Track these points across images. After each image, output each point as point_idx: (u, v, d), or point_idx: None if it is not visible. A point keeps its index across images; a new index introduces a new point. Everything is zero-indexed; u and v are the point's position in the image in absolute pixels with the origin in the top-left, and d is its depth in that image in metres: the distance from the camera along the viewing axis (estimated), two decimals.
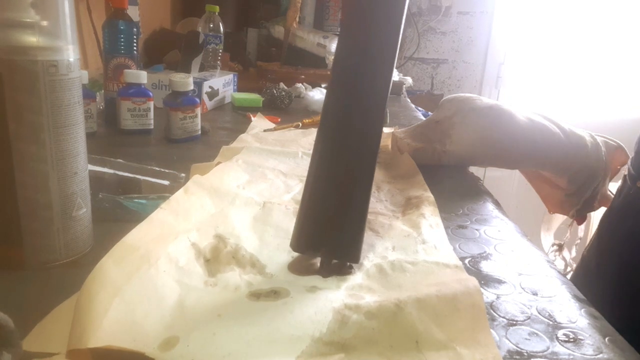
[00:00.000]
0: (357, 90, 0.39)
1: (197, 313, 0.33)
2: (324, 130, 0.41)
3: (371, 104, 0.40)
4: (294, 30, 1.57)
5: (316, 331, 0.32)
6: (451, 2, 2.42)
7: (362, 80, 0.39)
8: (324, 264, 0.41)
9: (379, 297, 0.36)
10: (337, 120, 0.40)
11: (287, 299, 0.36)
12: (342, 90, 0.40)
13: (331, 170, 0.41)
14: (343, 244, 0.41)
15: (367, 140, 0.40)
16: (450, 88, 2.56)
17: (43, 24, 0.36)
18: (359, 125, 0.40)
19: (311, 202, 0.41)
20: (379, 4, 0.38)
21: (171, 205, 0.47)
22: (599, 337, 0.35)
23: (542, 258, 0.47)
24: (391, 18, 0.38)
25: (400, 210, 0.56)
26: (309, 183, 0.41)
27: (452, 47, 2.51)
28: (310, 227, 0.41)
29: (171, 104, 0.80)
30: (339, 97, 0.40)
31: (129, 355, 0.29)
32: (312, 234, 0.41)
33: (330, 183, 0.40)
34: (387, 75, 0.39)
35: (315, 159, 0.41)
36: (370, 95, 0.39)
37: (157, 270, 0.36)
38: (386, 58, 0.39)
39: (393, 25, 0.39)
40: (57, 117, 0.37)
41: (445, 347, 0.31)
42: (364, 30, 0.39)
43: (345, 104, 0.40)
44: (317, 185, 0.41)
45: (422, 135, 0.75)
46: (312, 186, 0.41)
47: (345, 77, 0.40)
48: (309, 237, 0.41)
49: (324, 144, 0.41)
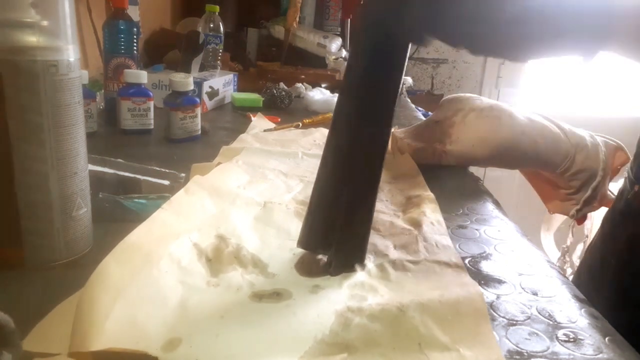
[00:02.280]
0: (367, 96, 0.40)
1: (199, 314, 0.33)
2: (334, 132, 0.41)
3: (380, 110, 0.40)
4: (294, 30, 1.57)
5: (319, 333, 0.32)
6: None
7: (373, 86, 0.39)
8: (331, 262, 0.41)
9: (381, 299, 0.36)
10: (347, 123, 0.41)
11: (289, 301, 0.36)
12: (353, 95, 0.40)
13: (341, 172, 0.41)
14: (350, 244, 0.41)
15: (375, 144, 0.41)
16: (450, 88, 2.56)
17: (43, 24, 0.36)
18: (368, 129, 0.40)
19: (320, 202, 0.42)
20: (391, 8, 0.38)
21: (172, 206, 0.47)
22: (599, 337, 0.35)
23: (542, 258, 0.47)
24: (402, 22, 0.38)
25: (401, 210, 0.56)
26: (319, 183, 0.42)
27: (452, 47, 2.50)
28: (319, 226, 0.42)
29: (171, 104, 0.80)
30: (350, 101, 0.41)
31: (132, 357, 0.29)
32: (321, 233, 0.42)
33: (340, 184, 0.41)
34: (396, 80, 0.40)
35: (326, 159, 0.41)
36: (379, 100, 0.40)
37: (160, 271, 0.36)
38: (396, 63, 0.39)
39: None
40: (57, 117, 0.37)
41: (448, 349, 0.31)
42: (375, 34, 0.39)
43: (355, 109, 0.40)
44: (327, 186, 0.41)
45: (422, 135, 0.75)
46: (322, 186, 0.42)
47: (357, 82, 0.40)
48: (317, 236, 0.42)
49: (334, 146, 0.41)
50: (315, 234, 0.42)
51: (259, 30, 1.70)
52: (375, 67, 0.39)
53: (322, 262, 0.42)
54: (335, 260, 0.41)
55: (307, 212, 0.42)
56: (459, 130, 0.70)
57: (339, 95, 0.42)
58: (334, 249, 0.41)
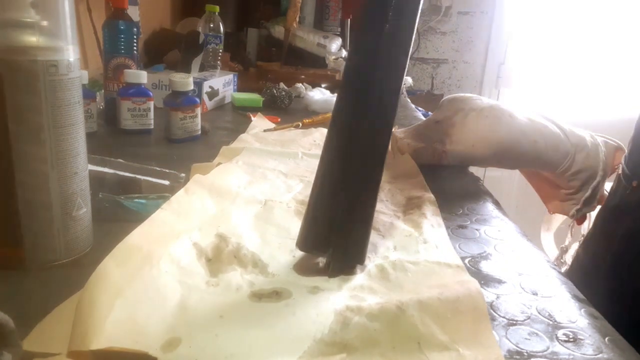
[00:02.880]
0: (367, 95, 0.40)
1: (199, 314, 0.33)
2: (333, 132, 0.41)
3: (380, 109, 0.40)
4: (294, 30, 1.57)
5: (318, 332, 0.32)
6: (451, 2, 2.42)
7: (373, 86, 0.39)
8: (329, 264, 0.41)
9: (380, 299, 0.36)
10: (347, 123, 0.40)
11: (288, 300, 0.36)
12: (353, 94, 0.40)
13: (340, 172, 0.41)
14: (350, 245, 0.41)
15: (375, 144, 0.40)
16: (450, 88, 2.56)
17: (43, 24, 0.36)
18: (368, 129, 0.40)
19: (319, 203, 0.41)
20: (392, 8, 0.38)
21: (172, 206, 0.47)
22: (598, 337, 0.35)
23: (542, 258, 0.47)
24: (403, 23, 0.38)
25: (401, 210, 0.56)
26: (317, 183, 0.41)
27: (452, 47, 2.51)
28: (317, 227, 0.41)
29: (171, 104, 0.80)
30: (349, 101, 0.40)
31: (132, 357, 0.29)
32: (320, 235, 0.41)
33: (339, 185, 0.41)
34: (397, 81, 0.39)
35: (324, 159, 0.41)
36: (379, 100, 0.40)
37: (159, 271, 0.36)
38: (397, 65, 0.39)
39: (406, 31, 0.39)
40: (57, 117, 0.37)
41: (447, 349, 0.31)
42: (376, 35, 0.39)
43: (355, 108, 0.40)
44: (326, 186, 0.41)
45: (422, 135, 0.75)
46: (321, 187, 0.41)
47: (356, 81, 0.40)
48: (316, 238, 0.41)
49: (334, 146, 0.41)
50: (314, 236, 0.41)
51: (259, 30, 1.70)
52: (371, 64, 0.39)
53: (322, 264, 0.42)
54: (335, 262, 0.40)
55: (305, 213, 0.42)
56: (459, 130, 0.70)
57: (338, 95, 0.42)
58: (333, 250, 0.40)
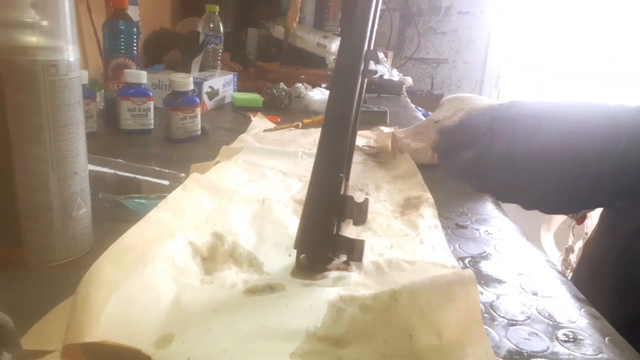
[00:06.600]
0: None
1: (192, 310, 0.33)
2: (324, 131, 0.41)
3: (344, 97, 0.41)
4: (294, 30, 1.57)
5: (311, 325, 0.32)
6: (451, 2, 2.42)
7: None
8: (327, 263, 0.41)
9: (374, 290, 0.36)
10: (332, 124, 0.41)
11: (282, 292, 0.36)
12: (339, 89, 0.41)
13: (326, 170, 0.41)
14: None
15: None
16: (450, 88, 2.56)
17: (43, 24, 0.36)
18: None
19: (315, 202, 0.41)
20: None
21: (168, 204, 0.47)
22: (599, 337, 0.35)
23: (542, 258, 0.47)
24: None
25: (399, 211, 0.56)
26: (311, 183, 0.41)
27: (452, 47, 2.51)
28: (314, 226, 0.41)
29: (171, 104, 0.80)
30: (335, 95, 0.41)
31: (125, 352, 0.29)
32: (316, 234, 0.41)
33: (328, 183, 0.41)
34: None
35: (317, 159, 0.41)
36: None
37: (154, 269, 0.36)
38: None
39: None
40: (57, 117, 0.37)
41: (438, 341, 0.31)
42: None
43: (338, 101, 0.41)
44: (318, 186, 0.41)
45: (422, 135, 0.75)
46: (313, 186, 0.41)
47: (343, 76, 0.41)
48: (313, 237, 0.41)
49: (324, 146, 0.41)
50: (312, 235, 0.41)
51: (259, 30, 1.70)
52: None
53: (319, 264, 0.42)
54: (332, 261, 0.40)
55: (302, 213, 0.42)
56: None
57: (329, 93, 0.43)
58: (331, 250, 0.40)
